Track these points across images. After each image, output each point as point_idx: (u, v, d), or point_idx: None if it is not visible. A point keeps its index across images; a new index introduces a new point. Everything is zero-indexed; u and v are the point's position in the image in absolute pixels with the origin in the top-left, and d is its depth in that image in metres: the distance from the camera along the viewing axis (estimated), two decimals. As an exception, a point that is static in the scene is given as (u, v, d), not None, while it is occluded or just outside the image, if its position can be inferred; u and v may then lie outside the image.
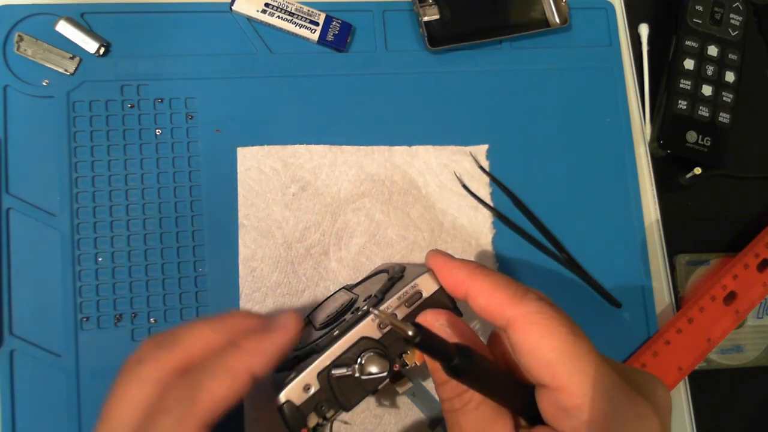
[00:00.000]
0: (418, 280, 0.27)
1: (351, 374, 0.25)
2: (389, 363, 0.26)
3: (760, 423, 0.43)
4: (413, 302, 0.26)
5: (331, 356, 0.26)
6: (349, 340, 0.26)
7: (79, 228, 0.36)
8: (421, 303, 0.26)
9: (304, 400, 0.25)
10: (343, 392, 0.26)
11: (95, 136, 0.37)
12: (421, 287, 0.26)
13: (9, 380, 0.34)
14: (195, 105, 0.38)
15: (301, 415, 0.25)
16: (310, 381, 0.25)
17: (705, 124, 0.43)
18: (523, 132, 0.42)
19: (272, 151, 0.38)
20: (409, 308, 0.26)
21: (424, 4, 0.41)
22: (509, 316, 0.23)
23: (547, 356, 0.22)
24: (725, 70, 0.44)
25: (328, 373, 0.25)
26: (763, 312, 0.43)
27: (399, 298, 0.26)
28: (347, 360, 0.26)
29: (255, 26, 0.40)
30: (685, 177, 0.43)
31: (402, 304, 0.26)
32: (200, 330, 0.25)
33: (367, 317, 0.26)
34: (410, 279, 0.27)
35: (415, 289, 0.26)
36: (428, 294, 0.26)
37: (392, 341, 0.26)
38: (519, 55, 0.43)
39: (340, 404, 0.26)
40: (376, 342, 0.26)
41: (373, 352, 0.25)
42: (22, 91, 0.36)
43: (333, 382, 0.25)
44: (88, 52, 0.37)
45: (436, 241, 0.39)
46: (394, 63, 0.41)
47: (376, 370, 0.25)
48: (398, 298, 0.26)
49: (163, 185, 0.37)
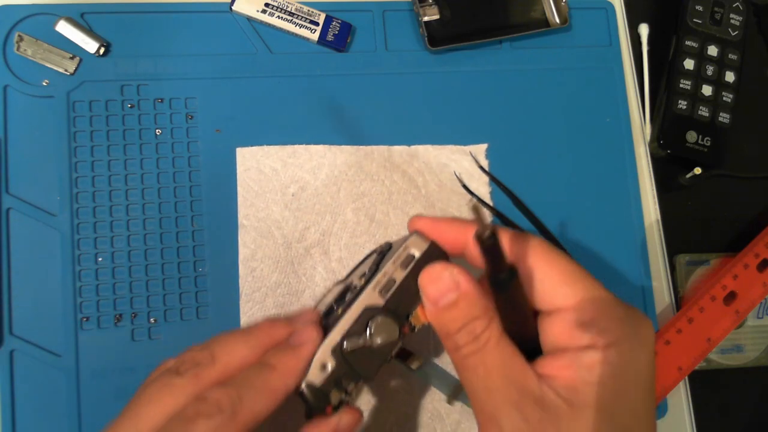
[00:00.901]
0: (408, 242, 0.27)
1: (363, 344, 0.26)
2: (398, 326, 0.26)
3: (760, 423, 0.43)
4: (408, 263, 0.26)
5: (341, 331, 0.26)
6: (355, 312, 0.26)
7: (79, 228, 0.36)
8: (416, 262, 0.26)
9: (323, 379, 0.25)
10: (360, 363, 0.26)
11: (95, 136, 0.37)
12: (413, 248, 0.27)
13: (9, 380, 0.34)
14: (195, 105, 0.38)
15: (322, 394, 0.25)
16: (325, 359, 0.26)
17: (705, 124, 0.43)
18: (523, 132, 0.42)
19: (271, 151, 0.38)
20: (405, 270, 0.26)
21: (424, 4, 0.41)
22: (516, 253, 0.24)
23: (559, 280, 0.24)
24: (725, 70, 0.44)
25: (340, 348, 0.26)
26: (763, 312, 0.43)
27: (394, 262, 0.26)
28: (357, 331, 0.26)
29: (255, 26, 0.40)
30: (685, 177, 0.43)
31: (398, 268, 0.26)
32: (235, 346, 0.26)
33: (367, 287, 0.26)
34: (399, 245, 0.27)
35: (407, 251, 0.26)
36: (420, 252, 0.26)
37: (396, 305, 0.26)
38: (519, 55, 0.43)
39: (360, 375, 0.26)
40: (380, 309, 0.26)
41: (380, 318, 0.26)
42: (22, 91, 0.36)
43: (348, 356, 0.26)
44: (88, 52, 0.37)
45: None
46: (394, 63, 0.41)
47: (386, 334, 0.26)
48: (393, 263, 0.26)
49: (163, 185, 0.37)
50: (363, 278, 0.27)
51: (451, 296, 0.24)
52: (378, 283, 0.26)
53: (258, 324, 0.27)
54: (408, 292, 0.26)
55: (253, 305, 0.36)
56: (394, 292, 0.26)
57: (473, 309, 0.24)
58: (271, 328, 0.27)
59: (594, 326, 0.23)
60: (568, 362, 0.23)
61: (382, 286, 0.26)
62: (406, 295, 0.26)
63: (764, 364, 0.43)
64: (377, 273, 0.26)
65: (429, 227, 0.27)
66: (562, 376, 0.23)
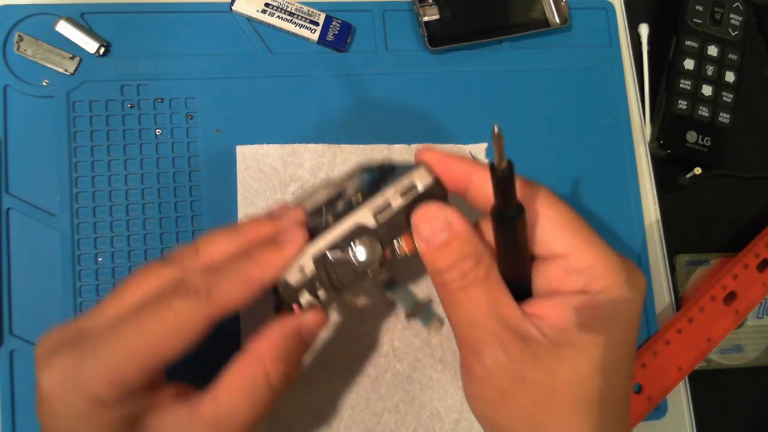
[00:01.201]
0: (414, 172, 0.27)
1: (345, 258, 0.26)
2: (381, 248, 0.26)
3: (760, 423, 0.43)
4: (408, 194, 0.27)
5: (326, 240, 0.26)
6: (345, 227, 0.26)
7: (79, 228, 0.36)
8: (417, 196, 0.27)
9: (298, 279, 0.26)
10: (337, 274, 0.26)
11: (95, 136, 0.37)
12: (417, 180, 0.27)
13: (9, 380, 0.34)
14: (195, 105, 0.38)
15: (293, 291, 0.26)
16: (306, 263, 0.26)
17: (705, 124, 0.43)
18: (523, 132, 0.42)
19: (272, 150, 0.38)
20: (403, 200, 0.27)
21: (424, 4, 0.41)
22: (524, 195, 0.25)
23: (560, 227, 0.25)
24: (725, 70, 0.44)
25: (322, 255, 0.26)
26: (763, 312, 0.43)
27: (395, 189, 0.27)
28: (341, 244, 0.26)
29: (255, 26, 0.40)
30: (685, 177, 0.43)
31: (397, 195, 0.27)
32: (219, 241, 0.27)
33: (364, 206, 0.27)
34: (403, 172, 0.27)
35: (411, 181, 0.27)
36: (424, 186, 0.27)
37: (386, 230, 0.27)
38: (519, 55, 0.43)
39: (333, 286, 0.27)
40: (371, 230, 0.26)
41: (367, 239, 0.26)
42: (22, 91, 0.36)
43: (327, 265, 0.26)
44: (88, 52, 0.37)
45: (436, 241, 0.39)
46: (394, 63, 0.41)
47: (368, 254, 0.26)
48: (394, 189, 0.27)
49: (163, 185, 0.37)
50: (359, 194, 0.27)
51: (443, 236, 0.25)
52: (374, 205, 0.27)
53: (244, 222, 0.28)
54: (400, 220, 0.27)
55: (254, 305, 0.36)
56: (388, 217, 0.27)
57: (464, 249, 0.25)
58: (256, 226, 0.28)
59: (588, 273, 0.25)
60: (557, 304, 0.25)
61: (378, 209, 0.27)
62: (397, 223, 0.27)
63: (764, 364, 0.43)
64: (376, 194, 0.27)
65: (435, 160, 0.27)
66: (549, 316, 0.24)
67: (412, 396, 0.37)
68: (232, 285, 0.25)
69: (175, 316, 0.24)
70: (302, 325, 0.27)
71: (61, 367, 0.24)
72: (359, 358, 0.37)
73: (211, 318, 0.25)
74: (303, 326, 0.27)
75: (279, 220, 0.28)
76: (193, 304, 0.24)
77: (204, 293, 0.24)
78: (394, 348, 0.37)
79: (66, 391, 0.23)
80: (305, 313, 0.27)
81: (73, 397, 0.23)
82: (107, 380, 0.23)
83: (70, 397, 0.23)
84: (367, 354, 0.37)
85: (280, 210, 0.29)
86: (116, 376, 0.23)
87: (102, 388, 0.23)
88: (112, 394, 0.23)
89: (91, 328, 0.25)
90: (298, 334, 0.27)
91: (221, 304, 0.25)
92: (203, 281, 0.25)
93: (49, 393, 0.24)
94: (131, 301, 0.25)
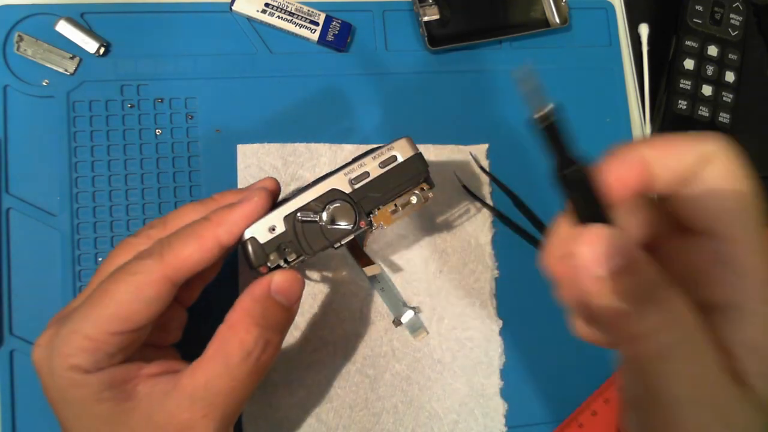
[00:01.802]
0: (395, 143, 0.27)
1: (317, 221, 0.26)
2: (356, 216, 0.26)
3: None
4: (387, 164, 0.26)
5: (299, 202, 0.26)
6: (319, 189, 0.26)
7: (79, 228, 0.36)
8: (396, 166, 0.26)
9: (268, 239, 0.26)
10: (307, 238, 0.26)
11: (95, 136, 0.37)
12: (397, 151, 0.27)
13: (9, 380, 0.34)
14: (195, 105, 0.38)
15: (263, 252, 0.26)
16: (276, 222, 0.26)
17: (705, 124, 0.43)
18: (523, 132, 0.42)
19: (272, 149, 0.38)
20: (382, 169, 0.26)
21: (424, 4, 0.41)
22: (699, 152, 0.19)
23: (732, 204, 0.19)
24: (725, 70, 0.44)
25: (294, 217, 0.26)
26: None
27: (374, 157, 0.26)
28: (314, 207, 0.26)
29: (255, 26, 0.40)
30: (685, 177, 0.43)
31: (376, 164, 0.26)
32: (185, 211, 0.28)
33: (339, 172, 0.26)
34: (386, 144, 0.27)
35: (391, 152, 0.27)
36: (404, 158, 0.27)
37: (362, 198, 0.26)
38: (519, 55, 0.43)
39: (303, 249, 0.26)
40: (346, 195, 0.26)
41: (340, 203, 0.26)
42: (22, 91, 0.36)
43: (298, 227, 0.26)
44: (88, 52, 0.37)
45: (435, 240, 0.39)
46: (394, 63, 0.41)
47: (341, 221, 0.26)
48: (373, 158, 0.26)
49: (163, 185, 0.37)
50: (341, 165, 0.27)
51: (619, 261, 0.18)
52: (351, 171, 0.26)
53: (213, 195, 0.29)
54: (377, 190, 0.26)
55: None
56: (364, 185, 0.26)
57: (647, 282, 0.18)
58: (222, 196, 0.29)
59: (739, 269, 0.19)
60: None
61: (355, 176, 0.26)
62: (374, 193, 0.26)
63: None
64: (355, 162, 0.27)
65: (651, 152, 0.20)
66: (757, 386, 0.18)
67: (410, 396, 0.37)
68: (184, 243, 0.26)
69: (134, 278, 0.25)
70: (272, 287, 0.26)
71: (44, 341, 0.26)
72: (358, 358, 0.37)
73: (166, 276, 0.25)
74: (274, 288, 0.26)
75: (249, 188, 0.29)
76: (147, 265, 0.25)
77: (157, 253, 0.25)
78: (393, 348, 0.37)
79: (48, 360, 0.25)
80: (273, 274, 0.26)
81: (54, 365, 0.25)
82: (81, 347, 0.24)
83: (53, 366, 0.25)
84: (366, 354, 0.37)
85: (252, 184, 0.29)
86: (88, 342, 0.24)
87: (78, 355, 0.24)
88: (89, 360, 0.24)
89: (73, 305, 0.27)
90: (269, 296, 0.26)
91: (174, 263, 0.25)
92: (158, 244, 0.26)
93: (38, 366, 0.26)
94: (106, 275, 0.26)
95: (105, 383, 0.25)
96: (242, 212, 0.26)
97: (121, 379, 0.25)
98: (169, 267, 0.25)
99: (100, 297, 0.25)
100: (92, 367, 0.24)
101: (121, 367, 0.25)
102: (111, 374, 0.25)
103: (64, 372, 0.24)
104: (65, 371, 0.24)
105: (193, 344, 0.28)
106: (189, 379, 0.25)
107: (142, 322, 0.25)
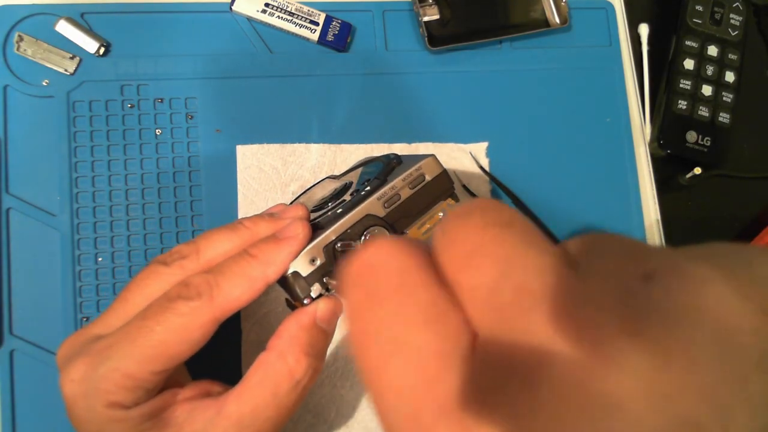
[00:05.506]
0: (422, 163, 0.28)
1: (356, 249, 0.26)
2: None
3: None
4: (416, 184, 0.27)
5: (337, 231, 0.26)
6: (355, 216, 0.27)
7: (79, 228, 0.36)
8: (424, 186, 0.27)
9: (310, 272, 0.26)
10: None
11: (95, 136, 0.37)
12: (425, 170, 0.27)
13: (9, 380, 0.34)
14: (195, 105, 0.38)
15: (306, 284, 0.26)
16: (316, 254, 0.26)
17: (705, 124, 0.43)
18: (523, 132, 0.42)
19: (272, 150, 0.38)
20: (412, 190, 0.27)
21: (424, 4, 0.41)
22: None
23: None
24: (725, 70, 0.44)
25: (333, 246, 0.26)
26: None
27: (404, 179, 0.27)
28: (352, 235, 0.26)
29: (255, 26, 0.40)
30: (685, 177, 0.43)
31: (406, 186, 0.27)
32: (218, 239, 0.27)
33: (373, 195, 0.27)
34: (411, 163, 0.28)
35: (419, 171, 0.27)
36: (431, 177, 0.27)
37: (395, 220, 0.27)
38: (519, 55, 0.43)
39: None
40: (380, 219, 0.27)
41: (377, 229, 0.27)
42: (22, 91, 0.36)
43: (338, 256, 0.26)
44: (88, 52, 0.37)
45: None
46: (394, 63, 0.41)
47: None
48: (402, 180, 0.27)
49: (163, 185, 0.37)
50: (367, 184, 0.28)
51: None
52: (384, 195, 0.27)
53: (242, 220, 0.28)
54: (409, 210, 0.27)
55: (253, 303, 0.36)
56: (397, 207, 0.27)
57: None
58: (255, 225, 0.28)
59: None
60: None
61: (387, 199, 0.27)
62: (406, 213, 0.27)
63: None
64: (384, 185, 0.27)
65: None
66: None
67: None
68: (234, 284, 0.25)
69: (181, 320, 0.24)
70: (317, 315, 0.27)
71: (79, 374, 0.25)
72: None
73: (215, 318, 0.25)
74: (318, 316, 0.27)
75: (280, 216, 0.28)
76: (197, 307, 0.24)
77: (207, 295, 0.25)
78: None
79: (86, 397, 0.24)
80: (318, 302, 0.27)
81: (92, 402, 0.24)
82: (122, 385, 0.24)
83: (90, 402, 0.24)
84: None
85: (279, 208, 0.29)
86: (130, 381, 0.24)
87: (118, 393, 0.24)
88: (129, 397, 0.24)
89: (103, 334, 0.26)
90: (315, 324, 0.26)
91: (224, 305, 0.25)
92: (205, 283, 0.25)
93: (71, 400, 0.25)
94: (137, 305, 0.26)
95: (145, 416, 0.24)
96: (290, 251, 0.26)
97: (160, 408, 0.25)
98: (218, 309, 0.25)
99: (143, 335, 0.24)
100: (131, 401, 0.24)
101: (159, 397, 0.25)
102: (150, 406, 0.25)
103: (104, 409, 0.24)
104: (105, 408, 0.24)
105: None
106: (235, 406, 0.25)
107: (185, 359, 0.25)
